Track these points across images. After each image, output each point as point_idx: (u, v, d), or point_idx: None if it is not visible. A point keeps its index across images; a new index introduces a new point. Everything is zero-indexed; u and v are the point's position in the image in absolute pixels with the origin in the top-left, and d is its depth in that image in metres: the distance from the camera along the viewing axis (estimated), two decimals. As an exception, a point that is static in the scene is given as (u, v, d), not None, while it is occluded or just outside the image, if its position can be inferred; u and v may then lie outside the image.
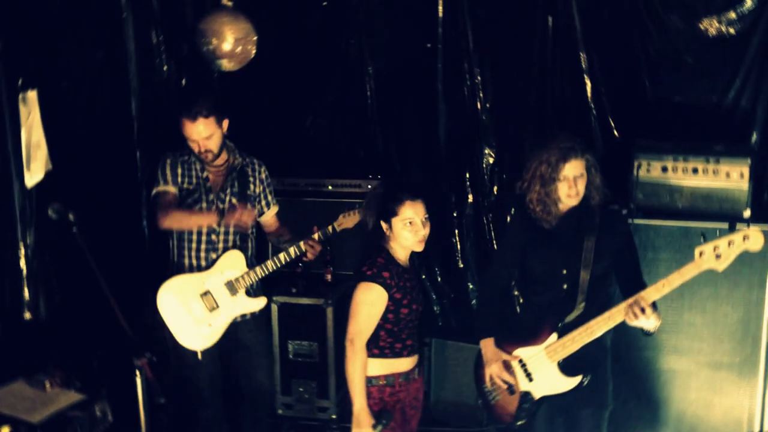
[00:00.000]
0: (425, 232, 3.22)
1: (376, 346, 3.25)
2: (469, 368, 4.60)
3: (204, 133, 3.69)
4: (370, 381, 3.24)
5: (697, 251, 2.99)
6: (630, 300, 3.09)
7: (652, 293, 3.06)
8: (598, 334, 3.18)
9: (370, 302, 3.19)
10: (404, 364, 3.30)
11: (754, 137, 4.27)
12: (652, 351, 3.92)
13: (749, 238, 2.92)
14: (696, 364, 3.88)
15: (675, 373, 3.92)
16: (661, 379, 3.93)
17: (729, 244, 2.94)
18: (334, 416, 4.69)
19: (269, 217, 4.08)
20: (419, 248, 3.25)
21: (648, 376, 3.94)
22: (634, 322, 3.09)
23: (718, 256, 2.95)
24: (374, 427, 3.14)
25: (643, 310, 3.04)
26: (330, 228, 3.88)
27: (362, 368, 3.19)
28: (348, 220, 3.89)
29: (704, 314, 3.83)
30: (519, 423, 3.39)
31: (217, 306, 3.85)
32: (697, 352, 3.87)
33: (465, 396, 4.70)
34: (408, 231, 3.20)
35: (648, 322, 3.08)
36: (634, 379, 3.92)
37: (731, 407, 3.85)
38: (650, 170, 3.94)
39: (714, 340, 3.84)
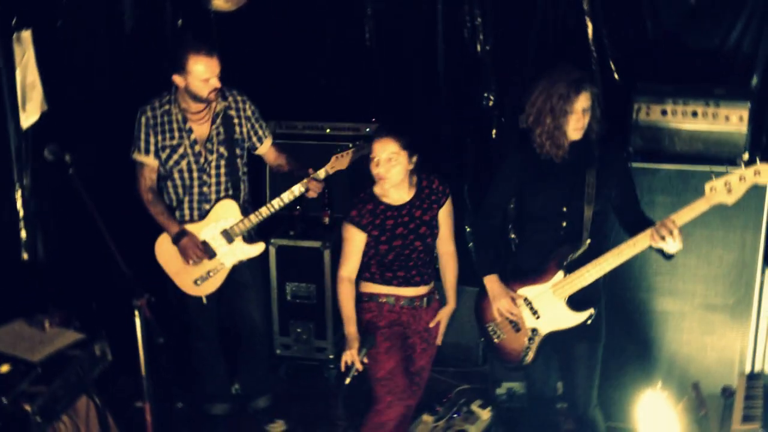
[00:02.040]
0: (383, 170, 3.36)
1: (367, 271, 3.55)
2: (468, 310, 4.65)
3: (217, 69, 3.65)
4: (370, 297, 3.55)
5: (707, 187, 3.00)
6: (657, 223, 3.07)
7: (679, 217, 3.04)
8: (609, 268, 3.19)
9: (344, 239, 3.51)
10: (405, 290, 3.54)
11: (755, 80, 4.23)
12: (646, 293, 3.95)
13: (760, 173, 2.93)
14: (690, 305, 3.91)
15: (668, 315, 3.95)
16: (654, 320, 3.96)
17: (740, 179, 2.96)
18: (331, 356, 4.75)
19: (266, 149, 4.04)
20: (381, 185, 3.42)
21: (642, 318, 3.97)
22: (660, 244, 3.06)
23: (729, 191, 2.97)
24: (358, 352, 3.35)
25: (671, 232, 3.02)
26: (323, 171, 3.84)
27: (347, 296, 3.50)
28: (340, 162, 3.85)
29: (699, 257, 3.84)
30: (525, 360, 3.42)
31: (215, 254, 3.87)
32: (692, 294, 3.89)
33: (463, 337, 4.76)
34: (371, 166, 3.39)
35: (674, 244, 3.06)
36: (628, 321, 3.95)
37: (723, 348, 3.89)
38: (649, 113, 3.91)
39: (708, 282, 3.86)
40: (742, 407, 2.98)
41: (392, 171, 3.36)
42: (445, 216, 3.60)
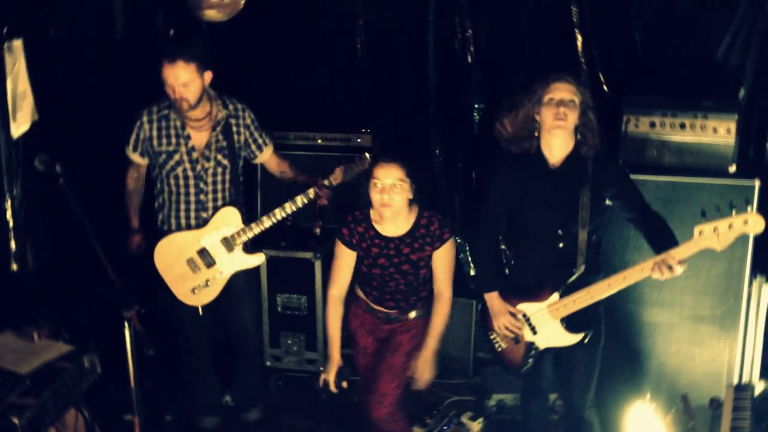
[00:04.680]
0: (387, 197, 3.25)
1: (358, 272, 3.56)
2: (458, 322, 4.68)
3: (182, 78, 3.57)
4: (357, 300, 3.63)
5: (696, 230, 2.98)
6: (658, 259, 3.04)
7: (679, 253, 3.03)
8: (599, 297, 3.20)
9: (335, 254, 3.53)
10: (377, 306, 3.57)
11: (742, 93, 4.27)
12: (634, 304, 3.96)
13: (748, 223, 2.91)
14: (678, 317, 3.93)
15: (657, 326, 3.96)
16: (643, 331, 3.98)
17: (729, 226, 2.93)
18: (321, 368, 4.72)
19: (266, 157, 4.02)
20: (383, 213, 3.32)
21: (630, 329, 3.99)
22: (666, 276, 3.05)
23: (717, 237, 2.95)
24: (336, 377, 3.59)
25: (670, 268, 3.02)
26: (329, 180, 3.77)
27: (335, 316, 3.55)
28: (346, 174, 3.76)
29: (687, 268, 3.85)
30: (525, 369, 3.45)
31: (215, 263, 3.84)
32: (680, 305, 3.91)
33: (452, 348, 4.76)
34: (374, 191, 3.30)
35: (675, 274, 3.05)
36: (617, 332, 3.95)
37: (712, 359, 3.90)
38: (638, 125, 3.95)
39: (696, 293, 3.88)
40: (730, 419, 2.98)
41: (396, 198, 3.28)
42: (439, 258, 3.46)
